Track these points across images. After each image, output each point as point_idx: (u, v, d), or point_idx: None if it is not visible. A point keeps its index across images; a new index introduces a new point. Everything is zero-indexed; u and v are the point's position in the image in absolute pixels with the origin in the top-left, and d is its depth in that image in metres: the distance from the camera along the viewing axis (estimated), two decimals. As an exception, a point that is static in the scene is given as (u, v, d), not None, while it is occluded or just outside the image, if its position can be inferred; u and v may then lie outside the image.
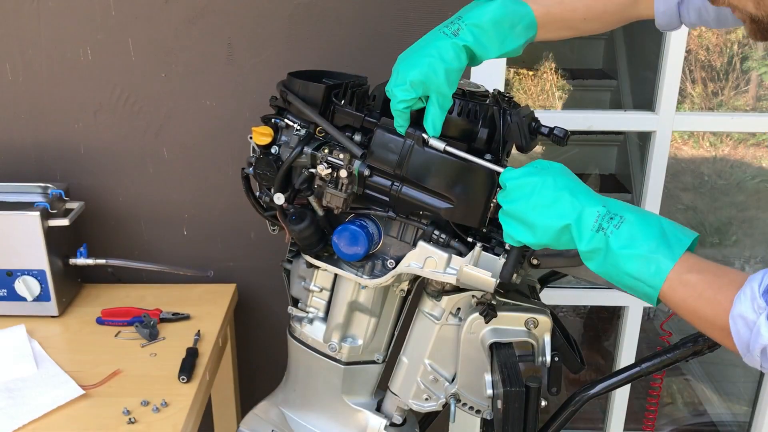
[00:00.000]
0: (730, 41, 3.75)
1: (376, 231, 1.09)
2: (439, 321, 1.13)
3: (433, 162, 1.01)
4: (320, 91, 1.06)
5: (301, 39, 1.49)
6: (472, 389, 1.14)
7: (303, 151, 1.05)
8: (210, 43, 1.49)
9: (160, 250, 1.65)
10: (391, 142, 1.02)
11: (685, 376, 2.80)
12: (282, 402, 1.29)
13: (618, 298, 1.72)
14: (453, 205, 1.02)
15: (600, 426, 2.04)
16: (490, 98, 1.05)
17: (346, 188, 1.04)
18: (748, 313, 0.80)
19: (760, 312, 0.79)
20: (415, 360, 1.17)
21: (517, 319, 1.09)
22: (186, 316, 1.49)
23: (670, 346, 1.15)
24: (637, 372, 1.14)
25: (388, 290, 1.17)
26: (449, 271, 1.06)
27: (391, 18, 1.47)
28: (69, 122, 1.55)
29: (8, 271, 1.43)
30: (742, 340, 0.81)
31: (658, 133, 1.58)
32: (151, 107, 1.54)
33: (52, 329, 1.45)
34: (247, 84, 1.52)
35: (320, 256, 1.14)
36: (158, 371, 1.31)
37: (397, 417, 1.22)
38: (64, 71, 1.51)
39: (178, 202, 1.62)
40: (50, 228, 1.42)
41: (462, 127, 1.02)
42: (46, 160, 1.58)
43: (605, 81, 3.73)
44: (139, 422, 1.18)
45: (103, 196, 1.61)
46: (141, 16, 1.47)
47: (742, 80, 3.80)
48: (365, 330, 1.19)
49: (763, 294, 0.80)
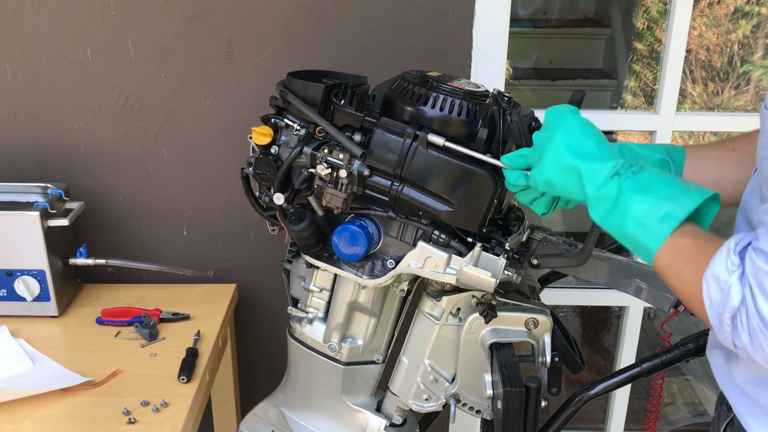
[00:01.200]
0: (730, 41, 3.74)
1: (375, 231, 1.09)
2: (439, 321, 1.13)
3: (435, 164, 1.01)
4: (320, 91, 1.06)
5: (301, 39, 1.49)
6: (472, 389, 1.14)
7: (303, 151, 1.05)
8: (210, 43, 1.49)
9: (160, 250, 1.65)
10: (390, 142, 1.02)
11: (685, 376, 2.80)
12: (282, 402, 1.29)
13: (618, 298, 1.71)
14: (453, 209, 1.02)
15: (600, 426, 2.04)
16: (490, 98, 1.05)
17: (346, 188, 1.04)
18: (722, 272, 0.74)
19: (733, 270, 0.74)
20: (415, 360, 1.17)
21: (517, 320, 1.09)
22: (186, 316, 1.48)
23: (670, 346, 1.15)
24: (637, 372, 1.14)
25: (388, 290, 1.17)
26: (449, 271, 1.06)
27: (391, 18, 1.47)
28: (69, 122, 1.55)
29: (8, 271, 1.43)
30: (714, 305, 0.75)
31: (658, 133, 1.58)
32: (151, 107, 1.54)
33: (51, 329, 1.45)
34: (247, 84, 1.52)
35: (320, 256, 1.14)
36: (158, 371, 1.31)
37: (397, 417, 1.22)
38: (64, 71, 1.51)
39: (178, 202, 1.62)
40: (50, 228, 1.42)
41: (462, 127, 1.02)
42: (46, 160, 1.58)
43: (605, 81, 3.73)
44: (139, 422, 1.18)
45: (103, 196, 1.61)
46: (141, 16, 1.47)
47: (742, 80, 3.80)
48: (365, 330, 1.18)
49: (738, 252, 0.74)
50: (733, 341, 0.76)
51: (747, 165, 1.02)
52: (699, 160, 1.07)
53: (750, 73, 3.74)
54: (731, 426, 0.97)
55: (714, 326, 0.77)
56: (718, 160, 1.06)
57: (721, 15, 3.75)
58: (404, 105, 1.04)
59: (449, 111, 1.02)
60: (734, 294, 0.73)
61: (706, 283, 0.76)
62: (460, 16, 1.46)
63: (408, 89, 1.04)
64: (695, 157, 1.07)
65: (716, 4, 3.75)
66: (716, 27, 3.76)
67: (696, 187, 0.83)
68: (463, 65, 1.50)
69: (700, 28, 3.76)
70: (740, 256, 0.74)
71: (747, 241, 0.75)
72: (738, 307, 0.73)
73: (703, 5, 3.75)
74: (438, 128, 1.01)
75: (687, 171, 1.06)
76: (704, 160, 1.07)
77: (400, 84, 1.06)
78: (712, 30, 3.77)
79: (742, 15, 3.71)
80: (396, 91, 1.06)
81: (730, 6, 3.71)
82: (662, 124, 1.56)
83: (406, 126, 1.02)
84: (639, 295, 1.08)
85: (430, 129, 1.01)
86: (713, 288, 0.75)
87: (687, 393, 2.75)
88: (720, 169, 1.05)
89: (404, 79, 1.06)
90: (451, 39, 1.48)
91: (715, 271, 0.75)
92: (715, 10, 3.76)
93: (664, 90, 1.54)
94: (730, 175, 1.05)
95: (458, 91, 1.03)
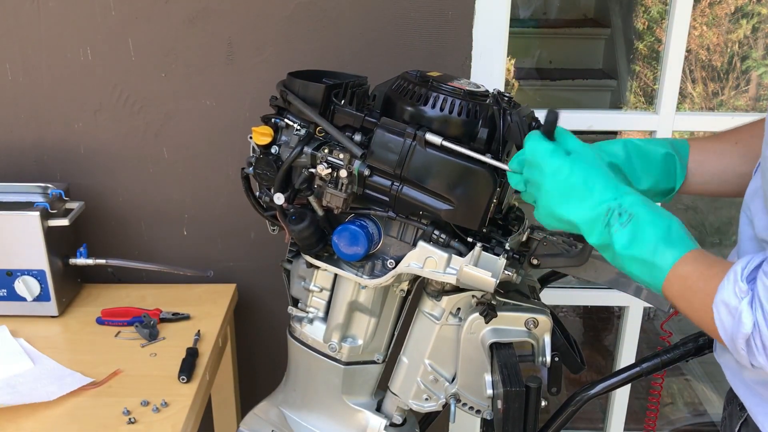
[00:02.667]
0: (730, 41, 3.74)
1: (376, 231, 1.09)
2: (439, 321, 1.13)
3: (433, 162, 1.01)
4: (320, 91, 1.06)
5: (301, 39, 1.49)
6: (472, 389, 1.14)
7: (303, 151, 1.05)
8: (210, 43, 1.49)
9: (160, 250, 1.65)
10: (391, 142, 1.02)
11: (685, 376, 2.80)
12: (282, 402, 1.29)
13: (618, 298, 1.72)
14: (453, 207, 1.02)
15: (600, 426, 2.04)
16: (490, 98, 1.05)
17: (346, 188, 1.04)
18: (730, 298, 0.75)
19: (742, 297, 0.75)
20: (415, 360, 1.17)
21: (517, 319, 1.09)
22: (186, 316, 1.49)
23: (670, 346, 1.15)
24: (637, 372, 1.14)
25: (388, 290, 1.17)
26: (449, 271, 1.06)
27: (391, 18, 1.47)
28: (69, 122, 1.55)
29: (8, 271, 1.43)
30: (726, 330, 0.77)
31: (658, 133, 1.58)
32: (151, 107, 1.54)
33: (52, 329, 1.45)
34: (247, 84, 1.52)
35: (320, 256, 1.14)
36: (158, 371, 1.31)
37: (397, 417, 1.22)
38: (64, 71, 1.51)
39: (178, 202, 1.62)
40: (50, 228, 1.42)
41: (462, 126, 1.02)
42: (46, 160, 1.58)
43: (605, 81, 3.74)
44: (139, 422, 1.18)
45: (103, 196, 1.61)
46: (141, 16, 1.47)
47: (742, 80, 3.80)
48: (365, 330, 1.18)
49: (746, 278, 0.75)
50: (750, 362, 0.78)
51: (750, 158, 1.03)
52: (703, 154, 1.08)
53: (750, 72, 3.74)
54: (746, 426, 0.97)
55: (730, 349, 0.79)
56: (721, 154, 1.07)
57: (722, 15, 3.75)
58: (404, 105, 1.04)
59: (449, 111, 1.02)
60: (746, 320, 0.74)
61: (716, 309, 0.77)
62: (460, 16, 1.46)
63: (408, 89, 1.04)
64: (699, 151, 1.08)
65: (716, 4, 3.75)
66: (716, 27, 3.76)
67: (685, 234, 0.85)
68: (463, 65, 1.50)
69: (701, 28, 3.76)
70: (747, 281, 0.75)
71: (754, 265, 0.76)
72: (751, 332, 0.75)
73: (703, 5, 3.75)
74: (438, 128, 1.01)
75: (691, 165, 1.07)
76: (708, 154, 1.08)
77: (401, 84, 1.06)
78: (713, 30, 3.77)
79: (743, 15, 3.71)
80: (396, 91, 1.06)
81: (731, 6, 3.72)
82: (662, 124, 1.56)
83: (406, 126, 1.02)
84: (639, 295, 1.08)
85: (429, 129, 1.01)
86: (724, 314, 0.76)
87: (687, 393, 2.75)
88: (723, 163, 1.07)
89: (404, 79, 1.06)
90: (451, 39, 1.48)
91: (724, 298, 0.76)
92: (715, 10, 3.76)
93: (664, 90, 1.54)
94: (733, 168, 1.06)
95: (458, 91, 1.03)
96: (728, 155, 1.07)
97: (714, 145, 1.09)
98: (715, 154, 1.08)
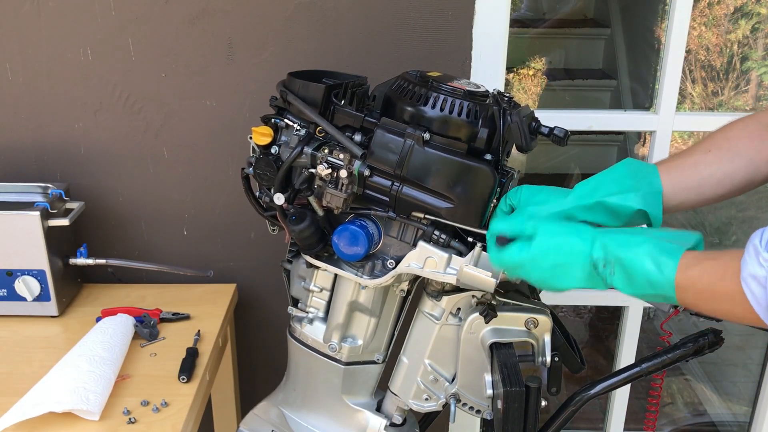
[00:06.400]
0: (730, 41, 3.74)
1: (376, 231, 1.09)
2: (439, 321, 1.13)
3: (433, 161, 1.01)
4: (320, 91, 1.06)
5: (301, 39, 1.49)
6: (472, 389, 1.14)
7: (303, 151, 1.05)
8: (210, 43, 1.49)
9: (160, 250, 1.65)
10: (391, 142, 1.02)
11: (685, 376, 2.80)
12: (282, 402, 1.29)
13: (618, 298, 1.72)
14: (453, 205, 1.02)
15: (600, 426, 2.04)
16: (490, 98, 1.05)
17: (346, 188, 1.04)
18: (757, 270, 0.77)
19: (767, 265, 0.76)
20: (415, 360, 1.17)
21: (517, 319, 1.09)
22: (186, 316, 1.49)
23: (670, 346, 1.15)
24: (637, 372, 1.14)
25: (388, 290, 1.17)
26: (449, 271, 1.06)
27: (391, 18, 1.47)
28: (69, 122, 1.55)
29: (8, 271, 1.43)
30: (760, 303, 0.78)
31: (658, 133, 1.58)
32: (151, 107, 1.54)
33: (52, 329, 1.45)
34: (247, 84, 1.52)
35: (320, 256, 1.14)
36: (158, 371, 1.31)
37: (397, 417, 1.22)
38: (64, 71, 1.51)
39: (178, 202, 1.62)
40: (50, 228, 1.42)
41: (462, 127, 1.02)
42: (46, 160, 1.58)
43: (605, 81, 3.73)
44: (139, 422, 1.18)
45: (103, 196, 1.61)
46: (141, 16, 1.47)
47: (742, 80, 3.80)
48: (365, 330, 1.19)
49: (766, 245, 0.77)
50: None
51: (725, 162, 1.03)
52: (675, 174, 1.04)
53: (750, 72, 3.73)
54: None
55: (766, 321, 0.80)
56: (695, 166, 1.05)
57: (721, 15, 3.75)
58: (404, 105, 1.04)
59: (449, 111, 1.02)
60: None
61: (746, 285, 0.78)
62: (460, 16, 1.46)
63: (408, 89, 1.04)
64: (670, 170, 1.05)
65: (716, 4, 3.75)
66: (716, 27, 3.76)
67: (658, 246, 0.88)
68: (463, 65, 1.50)
69: (700, 28, 3.75)
70: None
71: None
72: None
73: (702, 5, 3.75)
74: (438, 128, 1.02)
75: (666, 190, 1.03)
76: (680, 172, 1.05)
77: (401, 84, 1.06)
78: (712, 30, 3.77)
79: (742, 15, 3.71)
80: (396, 91, 1.06)
81: (730, 6, 3.71)
82: (662, 124, 1.56)
83: (406, 126, 1.02)
84: (639, 295, 1.08)
85: (429, 129, 1.01)
86: (754, 286, 0.78)
87: (687, 393, 2.75)
88: (698, 175, 1.04)
89: (404, 80, 1.06)
90: (451, 39, 1.48)
91: (751, 271, 0.78)
92: (715, 10, 3.75)
93: (664, 90, 1.54)
94: (709, 177, 1.04)
95: (458, 91, 1.03)
96: (702, 166, 1.04)
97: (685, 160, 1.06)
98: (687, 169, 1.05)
